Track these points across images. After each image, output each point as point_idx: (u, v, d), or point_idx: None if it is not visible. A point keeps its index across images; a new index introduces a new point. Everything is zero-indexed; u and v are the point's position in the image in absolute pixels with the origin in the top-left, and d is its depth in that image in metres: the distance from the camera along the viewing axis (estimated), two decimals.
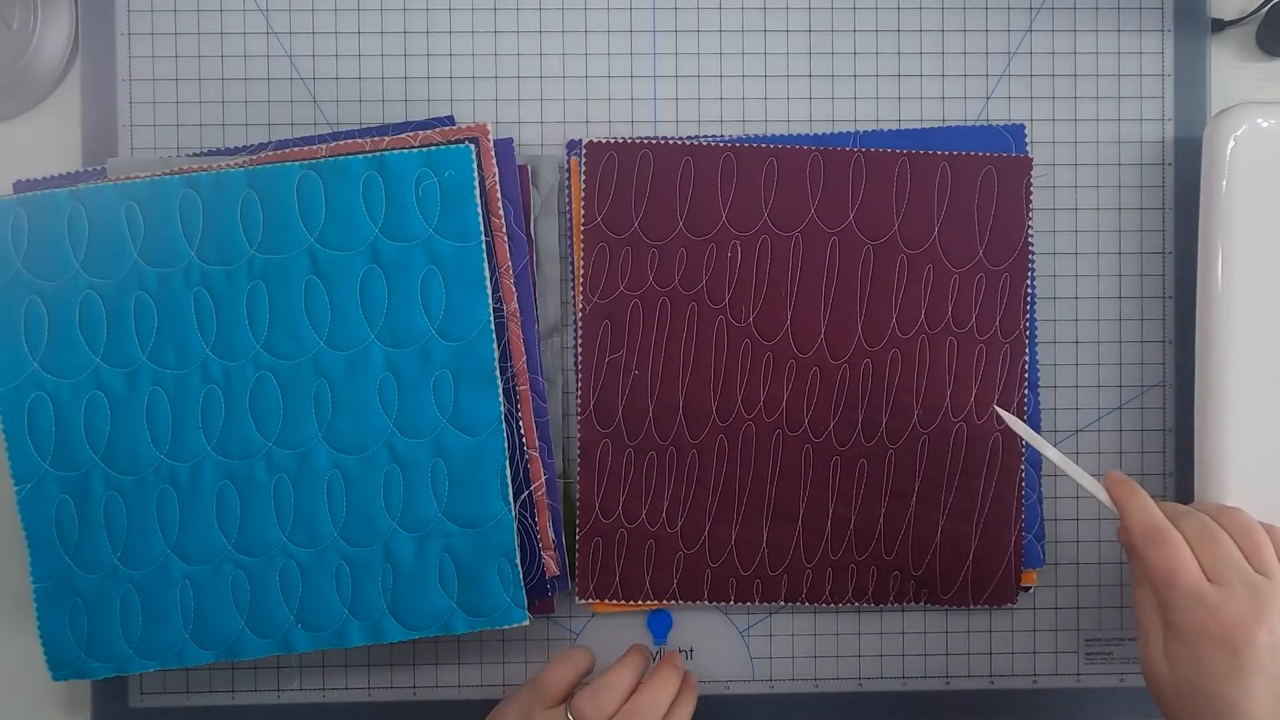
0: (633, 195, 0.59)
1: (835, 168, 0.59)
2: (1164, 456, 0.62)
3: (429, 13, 0.61)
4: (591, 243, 0.59)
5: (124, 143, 0.60)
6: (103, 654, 0.57)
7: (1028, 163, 0.60)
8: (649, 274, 0.59)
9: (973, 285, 0.59)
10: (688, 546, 0.60)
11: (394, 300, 0.56)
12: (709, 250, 0.59)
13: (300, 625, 0.57)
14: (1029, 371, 0.60)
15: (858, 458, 0.60)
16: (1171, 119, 0.62)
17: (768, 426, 0.60)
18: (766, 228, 0.59)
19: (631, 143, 0.59)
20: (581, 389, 0.60)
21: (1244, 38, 0.62)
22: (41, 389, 0.56)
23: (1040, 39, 0.62)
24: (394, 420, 0.57)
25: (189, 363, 0.56)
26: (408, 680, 0.62)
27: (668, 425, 0.60)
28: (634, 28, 0.61)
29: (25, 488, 0.56)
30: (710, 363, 0.60)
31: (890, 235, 0.59)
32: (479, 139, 0.57)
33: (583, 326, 0.59)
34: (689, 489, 0.60)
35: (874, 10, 0.61)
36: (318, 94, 0.61)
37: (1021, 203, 0.59)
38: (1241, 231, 0.56)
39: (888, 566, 0.60)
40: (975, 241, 0.59)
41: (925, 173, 0.59)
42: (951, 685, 0.62)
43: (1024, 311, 0.60)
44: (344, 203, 0.56)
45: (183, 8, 0.61)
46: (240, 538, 0.57)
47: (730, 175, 0.59)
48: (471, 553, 0.57)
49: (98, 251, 0.56)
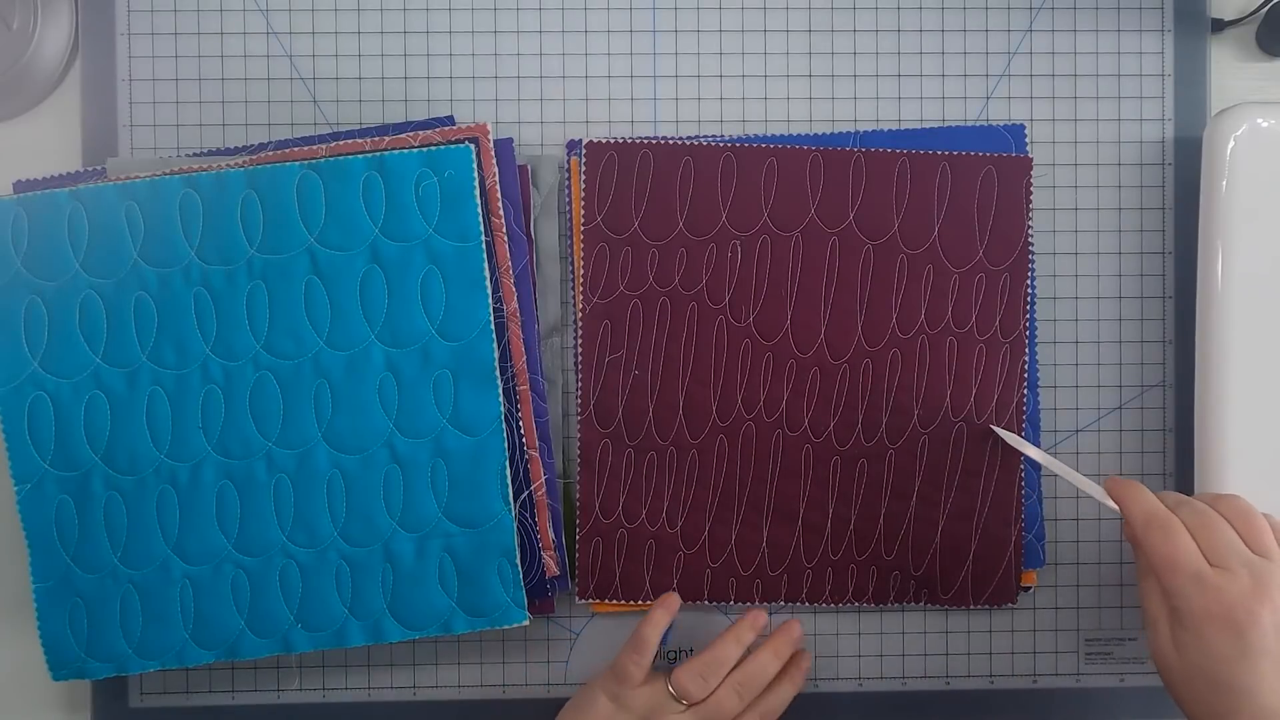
0: (633, 195, 0.59)
1: (835, 168, 0.59)
2: (1164, 456, 0.62)
3: (429, 13, 0.61)
4: (591, 243, 0.59)
5: (124, 143, 0.60)
6: (103, 654, 0.57)
7: (1028, 163, 0.60)
8: (649, 274, 0.59)
9: (973, 285, 0.59)
10: (688, 546, 0.60)
11: (394, 300, 0.56)
12: (709, 250, 0.59)
13: (300, 625, 0.57)
14: (1029, 371, 0.60)
15: (858, 458, 0.60)
16: (1171, 119, 0.62)
17: (768, 426, 0.60)
18: (766, 228, 0.59)
19: (631, 143, 0.59)
20: (581, 389, 0.60)
21: (1244, 38, 0.62)
22: (41, 389, 0.56)
23: (1040, 39, 0.62)
24: (394, 420, 0.57)
25: (189, 363, 0.56)
26: (408, 680, 0.62)
27: (668, 425, 0.60)
28: (634, 28, 0.61)
29: (25, 488, 0.56)
30: (710, 363, 0.60)
31: (890, 235, 0.59)
32: (479, 139, 0.57)
33: (583, 326, 0.59)
34: (689, 489, 0.60)
35: (874, 10, 0.61)
36: (318, 94, 0.61)
37: (1021, 203, 0.59)
38: (1241, 231, 0.56)
39: (888, 566, 0.60)
40: (975, 241, 0.59)
41: (925, 173, 0.59)
42: (951, 685, 0.62)
43: (1024, 312, 0.60)
44: (344, 203, 0.56)
45: (183, 8, 0.61)
46: (240, 538, 0.57)
47: (730, 175, 0.59)
48: (471, 553, 0.57)
49: (98, 251, 0.56)
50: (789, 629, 0.58)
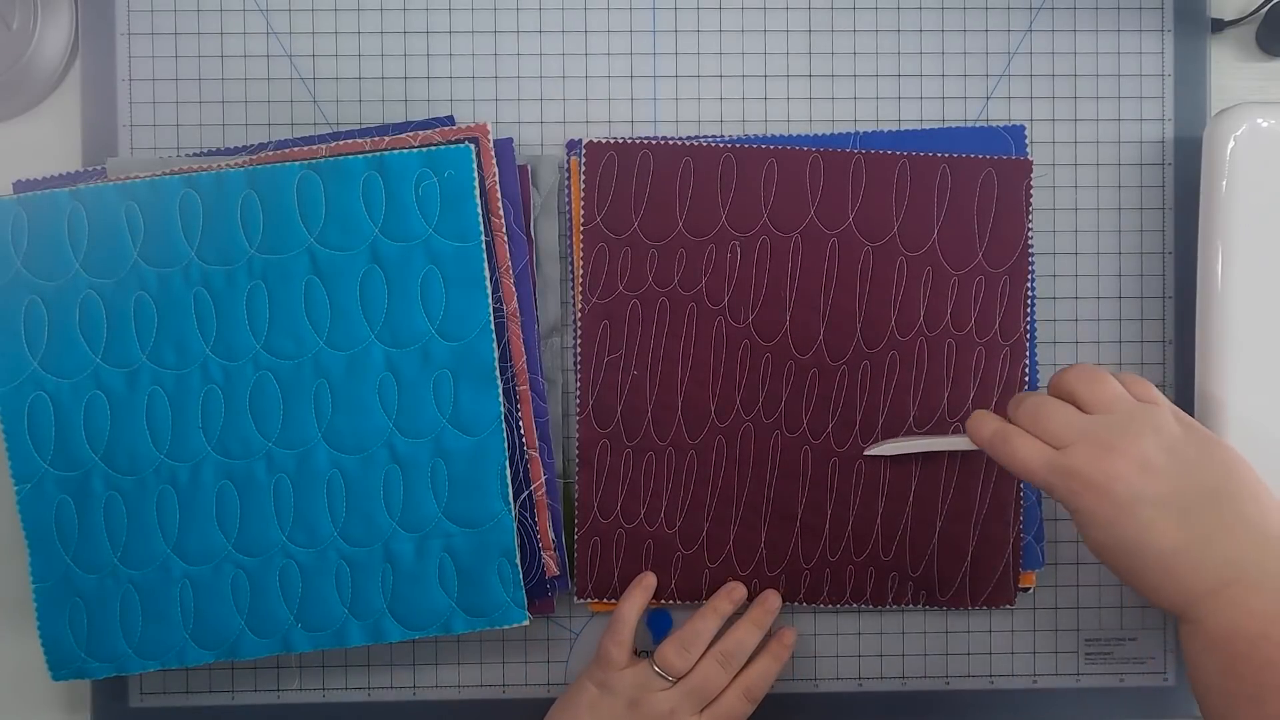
0: (632, 195, 0.59)
1: (835, 169, 0.59)
2: None
3: (429, 13, 0.61)
4: (591, 243, 0.59)
5: (124, 143, 0.60)
6: (103, 654, 0.57)
7: (1027, 165, 0.60)
8: (648, 274, 0.59)
9: (972, 287, 0.59)
10: (686, 547, 0.60)
11: (394, 300, 0.56)
12: (708, 251, 0.59)
13: (300, 625, 0.57)
14: (1029, 373, 0.60)
15: (855, 459, 0.60)
16: (1171, 119, 0.62)
17: (766, 427, 0.60)
18: (766, 229, 0.59)
19: (631, 143, 0.59)
20: (581, 389, 0.60)
21: (1244, 38, 0.62)
22: (41, 389, 0.56)
23: (1040, 39, 0.62)
24: (394, 420, 0.57)
25: (189, 363, 0.56)
26: (408, 680, 0.62)
27: (666, 425, 0.60)
28: (634, 28, 0.61)
29: (25, 488, 0.57)
30: (709, 363, 0.60)
31: (890, 237, 0.59)
32: (479, 139, 0.57)
33: (582, 326, 0.59)
34: (687, 489, 0.60)
35: (874, 10, 0.61)
36: (318, 94, 0.61)
37: (1021, 205, 0.59)
38: (1241, 231, 0.56)
39: (886, 567, 0.60)
40: (975, 244, 0.59)
41: (925, 175, 0.59)
42: (951, 685, 0.62)
43: (1024, 314, 0.60)
44: (344, 203, 0.56)
45: (183, 8, 0.61)
46: (240, 538, 0.57)
47: (730, 176, 0.59)
48: (471, 553, 0.57)
49: (98, 251, 0.56)
50: (765, 599, 0.59)
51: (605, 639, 0.57)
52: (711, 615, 0.58)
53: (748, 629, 0.58)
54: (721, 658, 0.57)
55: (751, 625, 0.58)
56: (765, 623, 0.58)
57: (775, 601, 0.59)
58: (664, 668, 0.56)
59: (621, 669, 0.56)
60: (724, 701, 0.56)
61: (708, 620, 0.57)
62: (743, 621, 0.58)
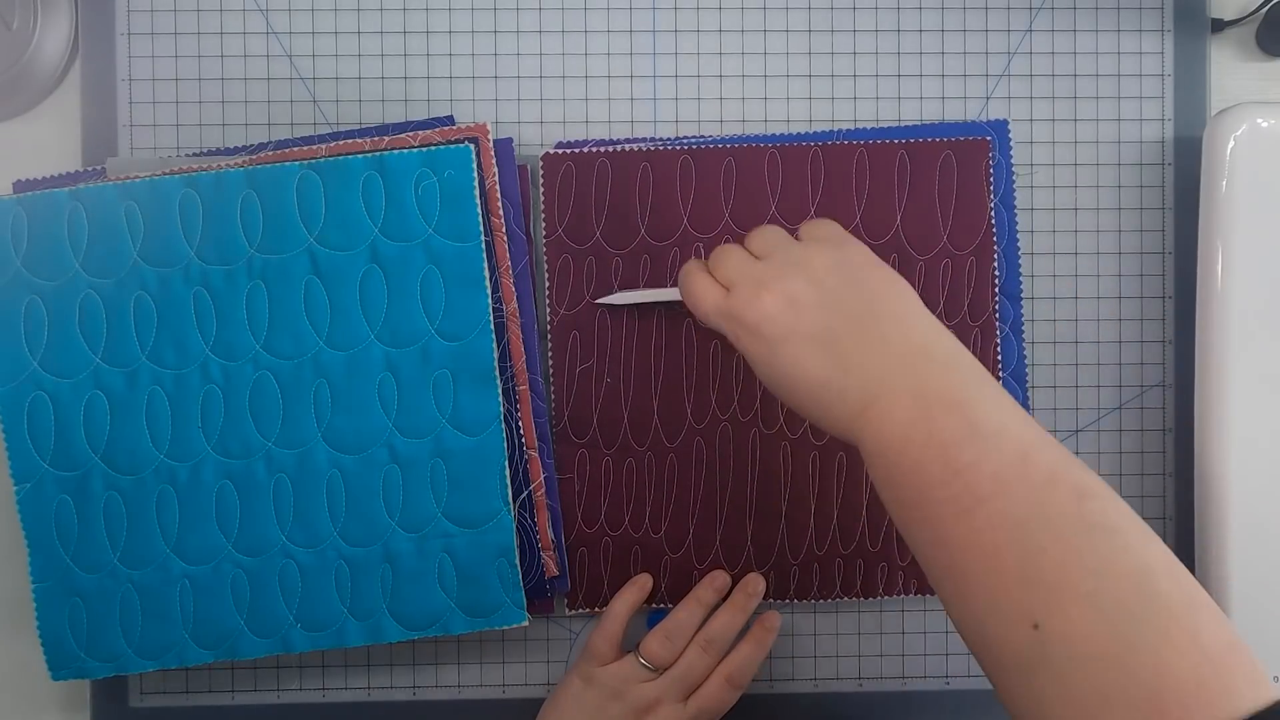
0: (592, 204, 0.59)
1: (793, 163, 0.59)
2: (1164, 456, 0.62)
3: (429, 13, 0.61)
4: (555, 255, 0.59)
5: (124, 143, 0.60)
6: (102, 654, 0.57)
7: (985, 145, 0.59)
8: (614, 282, 0.59)
9: (939, 271, 0.59)
10: (673, 550, 0.60)
11: (394, 300, 0.56)
12: (672, 254, 0.59)
13: (300, 625, 0.57)
14: (1018, 367, 0.60)
15: (835, 452, 0.60)
16: (1171, 119, 0.62)
17: (743, 426, 0.60)
18: (729, 227, 0.59)
19: (588, 152, 0.59)
20: (555, 401, 0.60)
21: (1244, 38, 0.62)
22: (41, 389, 0.56)
23: (1040, 39, 0.62)
24: (394, 420, 0.57)
25: (189, 363, 0.56)
26: (408, 680, 0.62)
27: (644, 430, 0.60)
28: (634, 28, 0.61)
29: (25, 487, 0.56)
30: (681, 366, 0.60)
31: (853, 226, 0.59)
32: (479, 139, 0.57)
33: (552, 338, 0.59)
34: (670, 493, 0.60)
35: (874, 10, 0.61)
36: (318, 94, 0.61)
37: (982, 186, 0.59)
38: (1241, 231, 0.56)
39: (874, 558, 0.60)
40: (939, 227, 0.59)
41: (884, 162, 0.59)
42: (951, 685, 0.62)
43: (993, 295, 0.60)
44: (344, 203, 0.56)
45: (183, 8, 0.61)
46: (240, 537, 0.57)
47: (689, 178, 0.59)
48: (471, 553, 0.57)
49: (98, 251, 0.56)
50: (747, 583, 0.59)
51: (593, 633, 0.58)
52: (695, 605, 0.58)
53: (730, 613, 0.58)
54: (705, 644, 0.57)
55: (734, 609, 0.58)
56: (749, 607, 0.59)
57: (758, 585, 0.59)
58: (649, 659, 0.56)
59: (607, 663, 0.57)
60: (707, 689, 0.57)
61: (691, 610, 0.58)
62: (726, 607, 0.58)
